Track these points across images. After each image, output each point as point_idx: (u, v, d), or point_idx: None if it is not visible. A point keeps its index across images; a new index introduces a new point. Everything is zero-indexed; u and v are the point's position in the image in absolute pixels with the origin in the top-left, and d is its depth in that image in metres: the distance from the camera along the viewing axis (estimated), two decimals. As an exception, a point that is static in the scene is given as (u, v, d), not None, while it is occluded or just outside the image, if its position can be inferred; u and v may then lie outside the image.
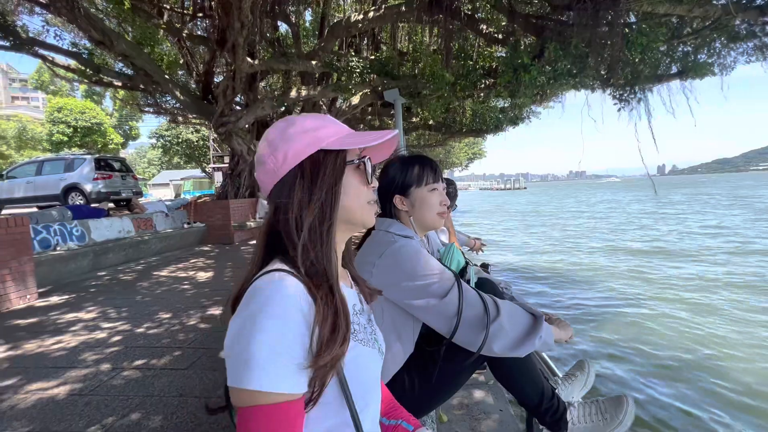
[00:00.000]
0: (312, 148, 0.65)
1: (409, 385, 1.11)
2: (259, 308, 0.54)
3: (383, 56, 7.98)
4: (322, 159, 0.66)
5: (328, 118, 0.71)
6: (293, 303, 0.56)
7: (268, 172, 0.66)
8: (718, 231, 14.53)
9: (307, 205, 0.63)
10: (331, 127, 0.68)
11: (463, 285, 1.04)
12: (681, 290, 7.09)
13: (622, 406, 1.12)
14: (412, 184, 1.22)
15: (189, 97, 9.57)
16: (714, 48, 6.46)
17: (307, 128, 0.66)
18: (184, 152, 30.82)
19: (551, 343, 1.06)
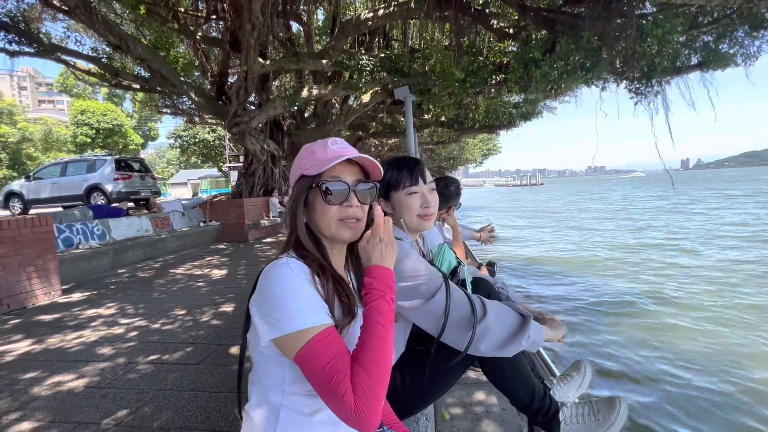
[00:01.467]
0: (297, 173, 0.88)
1: (400, 384, 1.14)
2: (278, 279, 0.76)
3: (393, 54, 7.96)
4: (298, 183, 0.87)
5: (325, 145, 0.86)
6: (299, 270, 0.78)
7: (295, 176, 0.89)
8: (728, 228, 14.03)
9: (294, 216, 0.87)
10: (317, 154, 0.85)
11: (451, 286, 1.06)
12: (683, 293, 6.89)
13: (614, 407, 1.11)
14: (391, 188, 1.23)
15: (204, 98, 9.77)
16: (736, 37, 6.20)
17: (305, 154, 0.88)
18: (201, 152, 31.47)
19: (541, 342, 1.06)
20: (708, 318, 5.51)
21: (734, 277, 7.55)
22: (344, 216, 0.84)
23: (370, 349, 0.73)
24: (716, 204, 23.48)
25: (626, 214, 19.76)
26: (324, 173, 0.83)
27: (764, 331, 4.99)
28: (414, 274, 1.06)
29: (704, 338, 4.82)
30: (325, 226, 0.84)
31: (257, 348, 0.79)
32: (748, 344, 4.62)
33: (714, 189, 39.34)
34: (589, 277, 8.13)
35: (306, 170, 0.84)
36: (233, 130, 9.19)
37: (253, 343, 0.81)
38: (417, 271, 1.07)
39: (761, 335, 4.85)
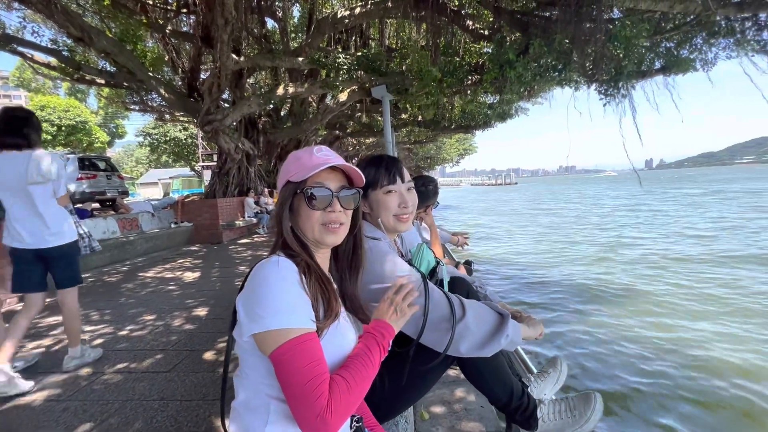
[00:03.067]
0: (283, 179, 0.91)
1: (379, 387, 1.12)
2: (265, 278, 0.77)
3: (371, 53, 7.93)
4: (285, 185, 0.90)
5: (311, 152, 0.90)
6: (289, 269, 0.79)
7: (281, 181, 0.93)
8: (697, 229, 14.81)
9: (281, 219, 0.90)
10: (303, 160, 0.88)
11: (430, 286, 1.04)
12: (655, 287, 7.23)
13: (590, 403, 1.14)
14: (368, 186, 1.21)
15: (174, 95, 9.42)
16: (695, 44, 6.54)
17: (291, 161, 0.92)
18: (173, 150, 30.38)
19: (519, 341, 1.07)
20: (675, 310, 5.79)
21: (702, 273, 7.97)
22: (327, 221, 0.87)
23: (355, 369, 0.79)
24: (684, 203, 24.60)
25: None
26: (309, 179, 0.87)
27: (725, 319, 5.29)
28: (392, 276, 1.04)
29: (669, 330, 5.06)
30: (309, 230, 0.88)
31: (240, 343, 0.80)
32: (714, 332, 4.88)
33: (682, 189, 41.36)
34: (563, 273, 8.38)
35: (292, 176, 0.87)
36: (206, 128, 8.91)
37: (238, 340, 0.82)
38: (394, 271, 1.05)
39: (723, 323, 5.15)
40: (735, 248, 10.00)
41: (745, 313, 5.55)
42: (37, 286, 2.45)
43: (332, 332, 0.82)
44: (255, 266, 0.81)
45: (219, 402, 0.95)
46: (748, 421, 3.23)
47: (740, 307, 5.80)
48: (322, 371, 0.72)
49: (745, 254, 9.27)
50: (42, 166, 2.26)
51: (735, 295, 6.38)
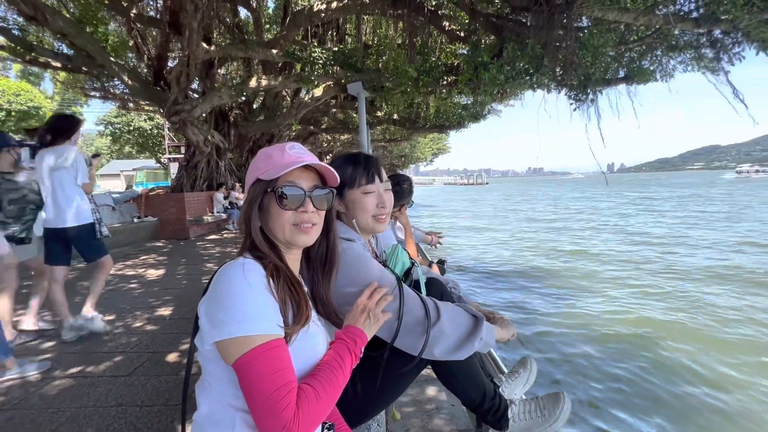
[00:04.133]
0: (252, 177, 0.87)
1: (351, 392, 1.09)
2: (229, 280, 0.72)
3: (347, 48, 7.84)
4: (254, 184, 0.86)
5: (283, 149, 0.86)
6: (254, 271, 0.75)
7: (250, 182, 0.88)
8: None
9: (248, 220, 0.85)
10: (273, 158, 0.85)
11: (405, 289, 1.03)
12: (622, 287, 7.62)
13: (559, 402, 1.16)
14: (345, 185, 1.17)
15: (139, 83, 8.94)
16: (656, 56, 6.91)
17: (262, 158, 0.87)
18: (136, 141, 28.89)
19: (492, 343, 1.08)
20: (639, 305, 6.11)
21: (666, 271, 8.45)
22: (299, 221, 0.83)
23: (324, 377, 0.75)
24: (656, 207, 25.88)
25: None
26: (280, 178, 0.82)
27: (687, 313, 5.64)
28: (362, 278, 1.02)
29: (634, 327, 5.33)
30: (279, 231, 0.84)
31: (203, 351, 0.75)
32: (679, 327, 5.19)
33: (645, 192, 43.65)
34: (539, 278, 8.64)
35: (262, 174, 0.83)
36: (173, 119, 8.52)
37: (200, 348, 0.76)
38: (368, 274, 1.03)
39: (684, 318, 5.49)
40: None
41: (708, 309, 5.95)
42: (58, 260, 2.95)
43: (302, 338, 0.77)
44: (219, 269, 0.76)
45: (180, 407, 0.88)
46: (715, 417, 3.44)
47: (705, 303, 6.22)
48: (289, 380, 0.68)
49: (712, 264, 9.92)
50: (62, 156, 2.79)
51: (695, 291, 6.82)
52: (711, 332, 5.15)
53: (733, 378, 3.98)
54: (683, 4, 5.27)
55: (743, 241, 11.64)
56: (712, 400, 3.61)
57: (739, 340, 4.91)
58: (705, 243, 11.65)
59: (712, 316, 5.71)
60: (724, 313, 5.79)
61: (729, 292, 6.85)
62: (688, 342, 4.84)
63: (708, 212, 20.67)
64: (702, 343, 4.81)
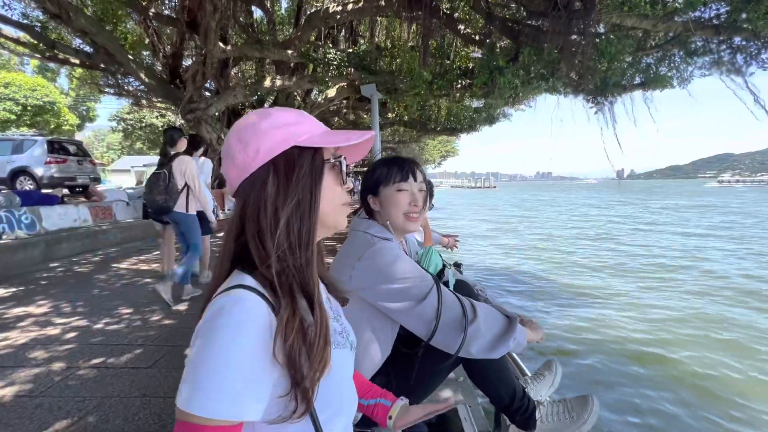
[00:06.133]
0: (286, 143, 0.61)
1: (386, 386, 1.11)
2: (215, 332, 0.50)
3: (361, 50, 7.88)
4: (297, 156, 0.62)
5: (304, 114, 0.68)
6: (252, 330, 0.52)
7: (238, 166, 0.62)
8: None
9: (283, 206, 0.59)
10: (306, 123, 0.65)
11: (442, 288, 1.05)
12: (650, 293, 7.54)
13: (587, 405, 1.17)
14: (381, 182, 1.20)
15: (154, 80, 9.08)
16: (674, 61, 6.84)
17: (282, 123, 0.63)
18: (148, 137, 29.22)
19: (524, 343, 1.09)
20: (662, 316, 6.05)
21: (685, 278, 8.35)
22: (345, 200, 0.70)
23: None
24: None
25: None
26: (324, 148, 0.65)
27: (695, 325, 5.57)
28: (404, 276, 1.04)
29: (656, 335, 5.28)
30: (331, 212, 0.67)
31: None
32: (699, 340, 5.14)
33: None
34: (557, 282, 8.59)
35: (303, 140, 0.62)
36: (188, 117, 8.63)
37: None
38: (408, 272, 1.05)
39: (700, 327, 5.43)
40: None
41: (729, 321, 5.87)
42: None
43: (324, 385, 0.58)
44: (214, 301, 0.55)
45: None
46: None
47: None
48: None
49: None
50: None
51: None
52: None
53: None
54: (703, 11, 5.22)
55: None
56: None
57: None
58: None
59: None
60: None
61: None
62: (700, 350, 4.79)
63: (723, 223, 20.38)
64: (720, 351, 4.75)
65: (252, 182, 0.61)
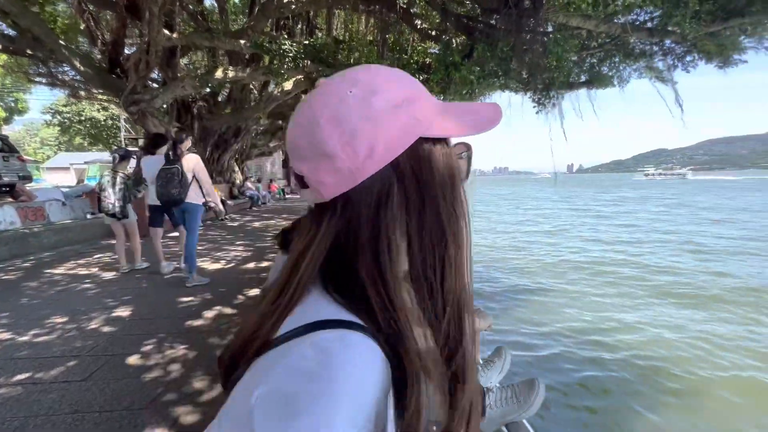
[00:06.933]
0: (411, 135, 0.40)
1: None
2: (310, 399, 0.28)
3: (318, 42, 7.71)
4: (428, 152, 0.41)
5: (415, 81, 0.45)
6: (370, 394, 0.31)
7: (341, 171, 0.39)
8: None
9: (420, 228, 0.40)
10: (425, 96, 0.44)
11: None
12: (590, 275, 8.03)
13: (533, 389, 1.20)
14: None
15: (92, 69, 8.36)
16: (614, 62, 7.31)
17: (400, 100, 0.41)
18: (89, 132, 27.04)
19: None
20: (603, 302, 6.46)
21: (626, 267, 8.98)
22: None
23: None
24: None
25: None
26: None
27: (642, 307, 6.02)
28: None
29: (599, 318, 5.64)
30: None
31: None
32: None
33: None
34: (511, 269, 8.92)
35: (432, 129, 0.41)
36: (131, 109, 8.04)
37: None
38: None
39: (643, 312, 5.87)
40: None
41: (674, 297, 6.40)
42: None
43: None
44: (295, 347, 0.33)
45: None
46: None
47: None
48: None
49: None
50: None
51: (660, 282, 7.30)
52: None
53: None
54: (639, 15, 5.61)
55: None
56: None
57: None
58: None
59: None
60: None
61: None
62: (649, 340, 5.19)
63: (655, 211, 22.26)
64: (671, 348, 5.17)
65: (364, 195, 0.39)
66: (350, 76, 0.42)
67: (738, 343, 4.76)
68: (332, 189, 0.40)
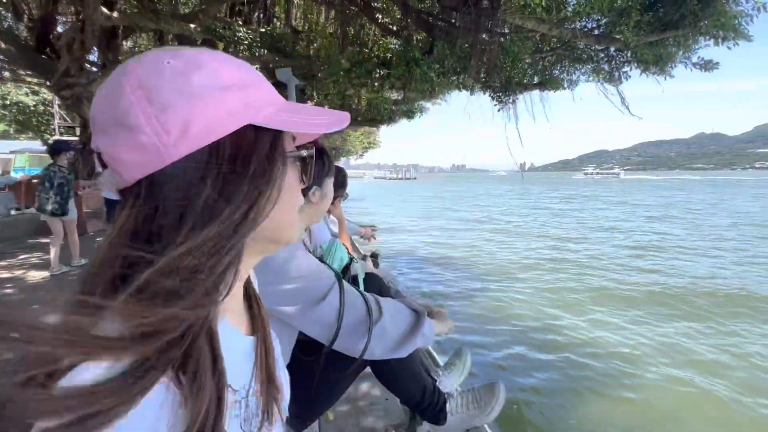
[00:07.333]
0: (237, 119, 0.37)
1: (284, 400, 0.99)
2: None
3: (275, 31, 7.41)
4: (254, 141, 0.38)
5: (256, 71, 0.42)
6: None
7: (146, 149, 0.34)
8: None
9: (221, 218, 0.35)
10: (264, 86, 0.41)
11: (345, 287, 0.96)
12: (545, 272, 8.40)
13: (494, 392, 1.19)
14: (326, 174, 1.13)
15: (16, 47, 7.47)
16: (564, 65, 7.70)
17: (230, 82, 0.37)
18: (15, 118, 24.29)
19: (432, 338, 1.06)
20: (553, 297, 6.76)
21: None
22: (301, 202, 0.49)
23: None
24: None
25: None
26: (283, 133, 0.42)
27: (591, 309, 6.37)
28: (299, 274, 0.92)
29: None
30: (288, 223, 0.45)
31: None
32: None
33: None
34: (471, 267, 9.10)
35: (266, 117, 0.39)
36: (63, 93, 7.29)
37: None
38: (303, 270, 0.93)
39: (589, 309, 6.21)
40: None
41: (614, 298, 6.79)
42: None
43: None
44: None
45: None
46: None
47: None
48: None
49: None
50: None
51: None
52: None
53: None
54: (588, 22, 5.93)
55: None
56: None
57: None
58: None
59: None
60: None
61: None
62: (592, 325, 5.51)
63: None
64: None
65: (172, 177, 0.35)
66: (176, 51, 0.38)
67: (676, 340, 5.16)
68: (134, 169, 0.35)
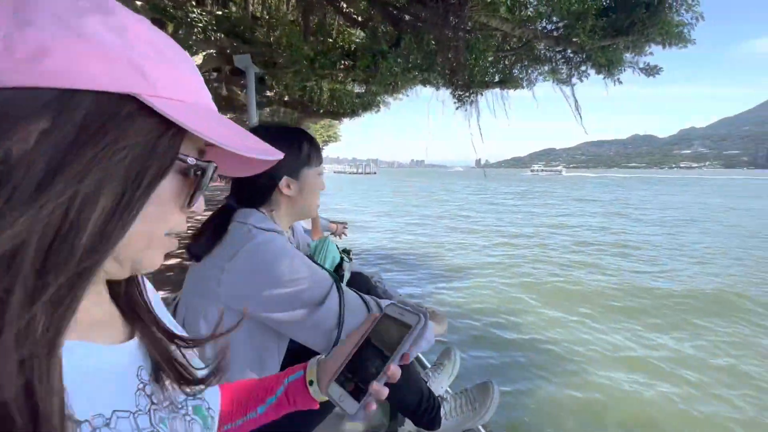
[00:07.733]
0: (122, 83, 0.31)
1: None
2: None
3: (233, 15, 6.97)
4: (131, 117, 0.31)
5: (188, 58, 0.38)
6: None
7: None
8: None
9: (62, 183, 0.29)
10: (186, 74, 0.36)
11: (343, 289, 0.86)
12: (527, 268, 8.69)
13: (488, 392, 1.16)
14: (306, 163, 1.07)
15: None
16: (524, 65, 7.95)
17: (135, 42, 0.32)
18: None
19: (432, 340, 0.99)
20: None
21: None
22: (178, 229, 0.42)
23: None
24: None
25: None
26: (180, 129, 0.35)
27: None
28: (295, 277, 0.82)
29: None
30: (144, 243, 0.38)
31: None
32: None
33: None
34: (443, 264, 9.20)
35: (162, 97, 0.34)
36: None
37: None
38: (299, 271, 0.82)
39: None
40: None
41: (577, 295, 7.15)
42: None
43: None
44: None
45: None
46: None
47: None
48: None
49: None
50: None
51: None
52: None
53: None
54: (548, 24, 6.14)
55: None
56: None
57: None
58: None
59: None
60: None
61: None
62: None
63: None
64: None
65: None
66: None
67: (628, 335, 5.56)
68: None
